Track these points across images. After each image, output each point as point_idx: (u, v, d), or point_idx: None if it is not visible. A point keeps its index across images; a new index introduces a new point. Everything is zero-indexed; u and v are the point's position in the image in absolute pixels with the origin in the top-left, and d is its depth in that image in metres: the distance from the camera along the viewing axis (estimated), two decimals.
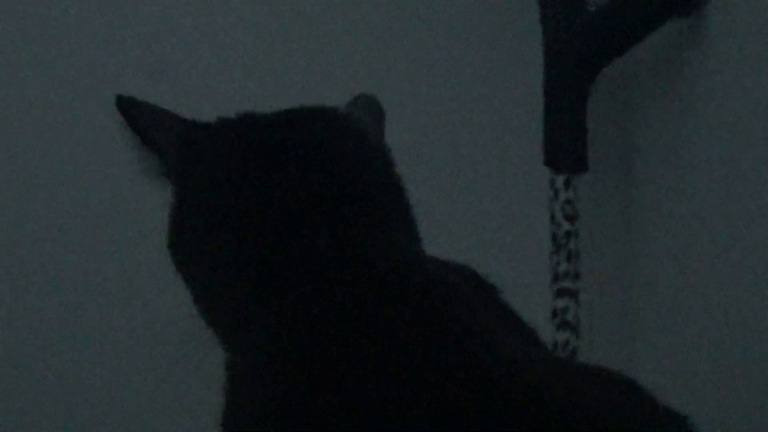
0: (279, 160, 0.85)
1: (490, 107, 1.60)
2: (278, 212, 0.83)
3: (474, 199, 1.53)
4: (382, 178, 0.86)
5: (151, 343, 1.69)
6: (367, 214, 0.83)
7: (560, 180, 1.27)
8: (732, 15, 1.30)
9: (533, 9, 1.42)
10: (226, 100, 1.77)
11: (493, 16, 1.64)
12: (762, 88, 1.27)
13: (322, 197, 0.82)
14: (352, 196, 0.84)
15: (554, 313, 1.23)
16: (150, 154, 0.91)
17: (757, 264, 1.27)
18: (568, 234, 1.24)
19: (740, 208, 1.31)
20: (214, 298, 0.85)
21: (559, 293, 1.23)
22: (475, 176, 1.57)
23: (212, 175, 0.87)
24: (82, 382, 1.69)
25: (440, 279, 0.79)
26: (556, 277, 1.24)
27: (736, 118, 1.29)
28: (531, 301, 1.26)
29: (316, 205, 0.82)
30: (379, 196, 0.85)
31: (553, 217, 1.26)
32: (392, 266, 0.81)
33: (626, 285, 1.46)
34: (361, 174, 0.85)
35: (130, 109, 0.88)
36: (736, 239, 1.30)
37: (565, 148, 1.29)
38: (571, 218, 1.24)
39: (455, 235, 1.56)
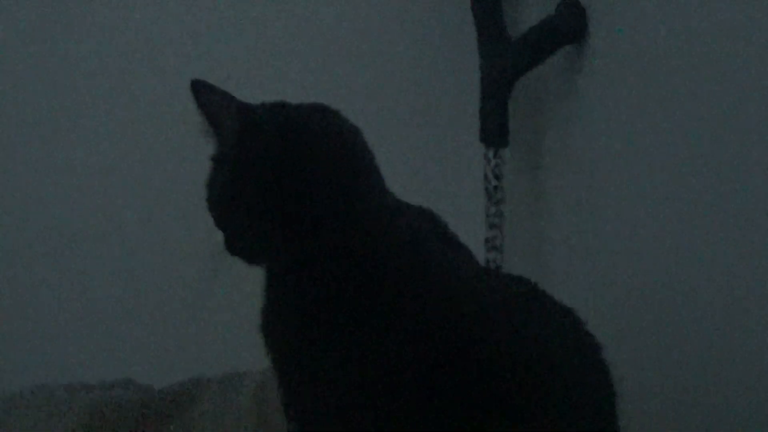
0: (304, 144, 1.01)
1: (444, 101, 1.90)
2: (308, 178, 1.00)
3: (428, 167, 1.82)
4: (367, 151, 1.06)
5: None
6: (367, 175, 1.04)
7: (491, 152, 1.63)
8: (607, 42, 1.59)
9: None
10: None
11: (445, 22, 1.87)
12: (624, 88, 1.53)
13: (335, 170, 1.01)
14: (356, 165, 1.03)
15: (486, 240, 1.56)
16: (212, 128, 1.03)
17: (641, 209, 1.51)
18: (495, 188, 1.58)
19: (624, 176, 1.54)
20: (256, 235, 1.01)
21: (491, 227, 1.57)
22: (429, 151, 1.86)
23: (261, 152, 1.00)
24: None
25: (410, 213, 1.03)
26: (488, 216, 1.58)
27: (612, 111, 1.57)
28: (470, 233, 1.58)
29: (332, 175, 1.00)
30: (369, 162, 1.05)
31: (485, 176, 1.61)
32: (382, 207, 1.02)
33: (536, 220, 1.77)
34: (359, 151, 1.04)
35: (200, 90, 1.01)
36: (623, 192, 1.54)
37: (493, 130, 1.65)
38: (497, 176, 1.59)
39: (413, 194, 1.82)
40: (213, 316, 1.82)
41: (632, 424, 1.04)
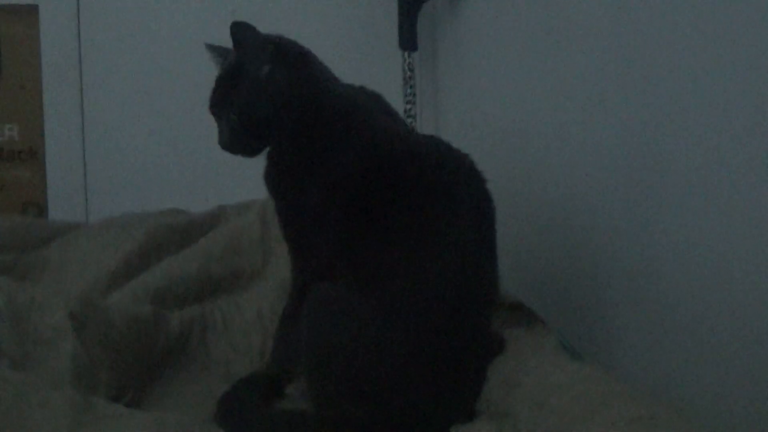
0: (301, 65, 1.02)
1: (374, 20, 2.00)
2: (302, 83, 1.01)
3: (367, 64, 1.91)
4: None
5: None
6: (329, 75, 1.05)
7: (406, 54, 1.86)
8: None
9: None
10: None
11: None
12: (486, 13, 1.60)
13: None
14: (324, 70, 1.03)
15: (404, 111, 1.83)
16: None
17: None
18: (409, 77, 1.85)
19: (486, 65, 1.65)
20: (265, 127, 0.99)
21: (407, 102, 1.83)
22: (366, 53, 1.99)
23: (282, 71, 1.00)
24: None
25: (365, 93, 1.06)
26: (405, 95, 1.83)
27: (481, 29, 1.65)
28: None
29: None
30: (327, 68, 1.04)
31: (403, 69, 1.86)
32: (345, 90, 1.04)
33: (435, 96, 1.94)
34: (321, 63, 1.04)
35: (238, 30, 0.98)
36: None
37: (407, 40, 1.86)
38: (410, 69, 1.85)
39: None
40: (232, 170, 1.84)
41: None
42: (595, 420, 0.71)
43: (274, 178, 1.03)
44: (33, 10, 2.04)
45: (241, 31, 0.98)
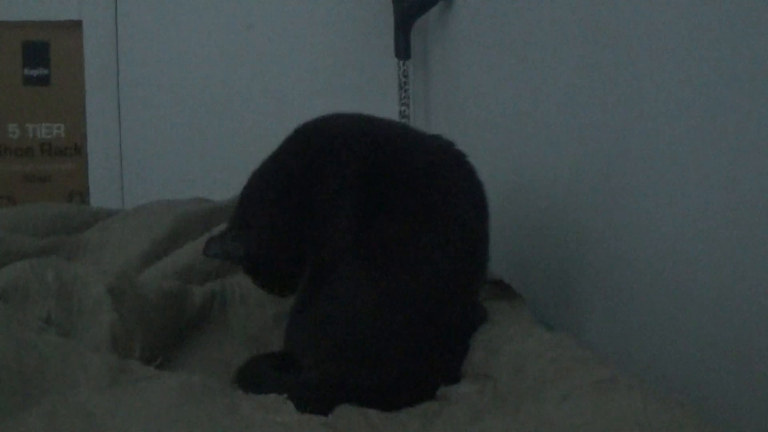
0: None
1: (370, 31, 2.00)
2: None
3: (365, 73, 1.99)
4: None
5: None
6: None
7: (401, 62, 1.87)
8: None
9: None
10: None
11: None
12: (476, 26, 1.62)
13: None
14: None
15: (399, 113, 1.85)
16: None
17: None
18: (404, 82, 1.86)
19: (474, 72, 1.65)
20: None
21: (402, 104, 1.84)
22: (364, 62, 2.02)
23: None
24: None
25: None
26: (400, 99, 1.85)
27: (469, 41, 1.66)
28: (390, 109, 1.87)
29: None
30: None
31: (398, 75, 1.87)
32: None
33: (426, 100, 1.93)
34: None
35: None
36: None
37: (401, 49, 1.86)
38: (405, 76, 1.86)
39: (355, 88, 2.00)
40: (254, 163, 1.93)
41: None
42: (564, 382, 0.72)
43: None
44: (78, 24, 2.08)
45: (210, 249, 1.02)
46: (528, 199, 1.27)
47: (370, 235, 0.89)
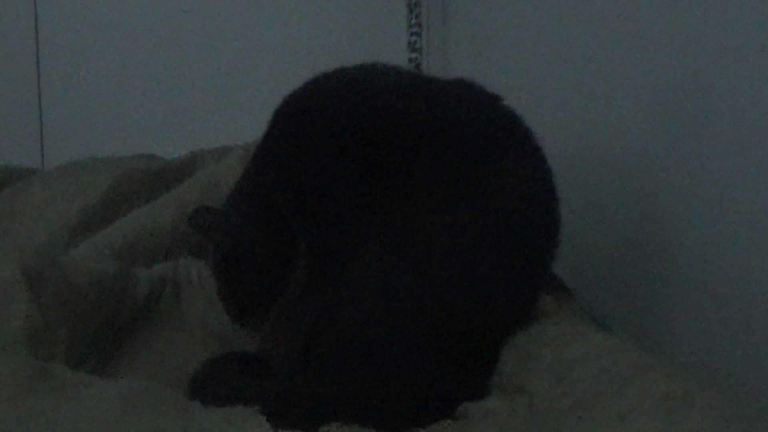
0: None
1: None
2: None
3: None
4: None
5: None
6: None
7: None
8: None
9: None
10: None
11: None
12: None
13: None
14: None
15: (409, 43, 1.87)
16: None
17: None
18: (416, 3, 1.87)
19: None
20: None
21: (412, 34, 1.86)
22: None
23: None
24: None
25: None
26: (410, 26, 1.87)
27: None
28: (400, 40, 1.87)
29: None
30: None
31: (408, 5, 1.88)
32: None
33: (444, 31, 1.96)
34: None
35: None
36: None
37: None
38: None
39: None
40: (210, 111, 1.95)
41: None
42: (622, 396, 0.71)
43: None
44: None
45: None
46: (584, 170, 1.27)
47: (382, 219, 0.91)
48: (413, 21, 1.85)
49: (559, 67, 1.40)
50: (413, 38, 1.84)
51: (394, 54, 1.82)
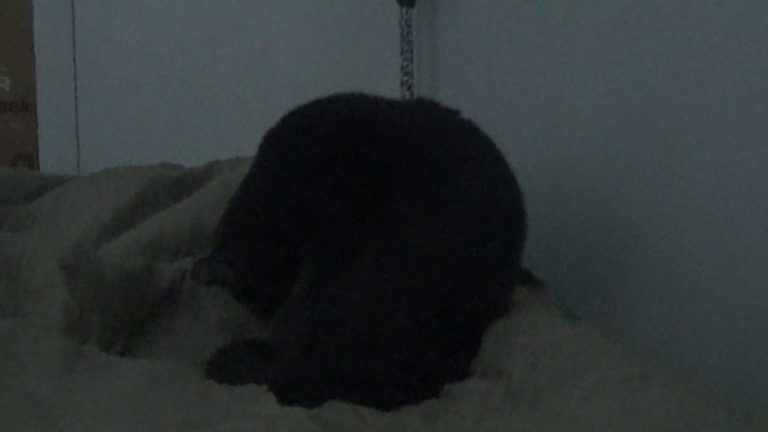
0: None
1: None
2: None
3: (367, 22, 1.96)
4: None
5: None
6: None
7: (403, 9, 1.86)
8: None
9: None
10: None
11: None
12: None
13: None
14: None
15: (401, 67, 1.83)
16: None
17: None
18: (407, 33, 1.85)
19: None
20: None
21: (404, 59, 1.84)
22: (356, 8, 2.00)
23: None
24: None
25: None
26: (402, 51, 1.84)
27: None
28: (391, 64, 1.85)
29: None
30: None
31: (400, 24, 1.85)
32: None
33: (431, 53, 1.93)
34: None
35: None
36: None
37: None
38: (408, 25, 1.84)
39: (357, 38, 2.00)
40: (227, 124, 1.95)
41: None
42: (587, 378, 0.72)
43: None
44: None
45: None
46: (554, 175, 1.27)
47: (372, 228, 0.92)
48: (405, 47, 1.84)
49: (536, 86, 1.39)
50: (405, 63, 1.84)
51: (389, 76, 1.83)
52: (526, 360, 0.82)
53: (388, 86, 1.74)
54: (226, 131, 1.93)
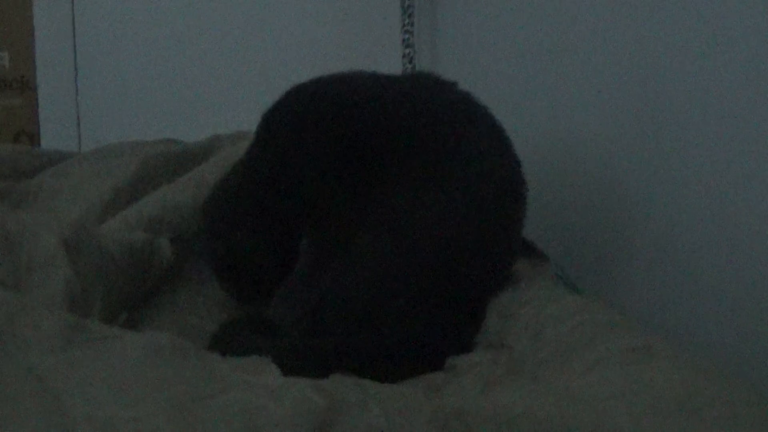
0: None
1: None
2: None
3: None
4: None
5: None
6: None
7: None
8: None
9: None
10: None
11: None
12: None
13: None
14: None
15: (402, 41, 1.86)
16: None
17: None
18: (409, 5, 1.86)
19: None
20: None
21: (405, 33, 1.85)
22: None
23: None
24: None
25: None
26: (403, 25, 1.86)
27: None
28: (394, 39, 1.87)
29: None
30: None
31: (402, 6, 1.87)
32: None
33: (432, 29, 1.94)
34: None
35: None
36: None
37: None
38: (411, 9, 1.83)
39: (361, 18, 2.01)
40: (228, 99, 1.94)
41: None
42: (590, 350, 0.72)
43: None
44: None
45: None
46: (558, 150, 1.28)
47: (372, 206, 0.93)
48: (406, 21, 1.84)
49: (538, 61, 1.40)
50: (406, 36, 1.84)
51: (390, 49, 1.84)
52: (528, 332, 0.82)
53: (389, 59, 1.75)
54: (228, 106, 1.94)
